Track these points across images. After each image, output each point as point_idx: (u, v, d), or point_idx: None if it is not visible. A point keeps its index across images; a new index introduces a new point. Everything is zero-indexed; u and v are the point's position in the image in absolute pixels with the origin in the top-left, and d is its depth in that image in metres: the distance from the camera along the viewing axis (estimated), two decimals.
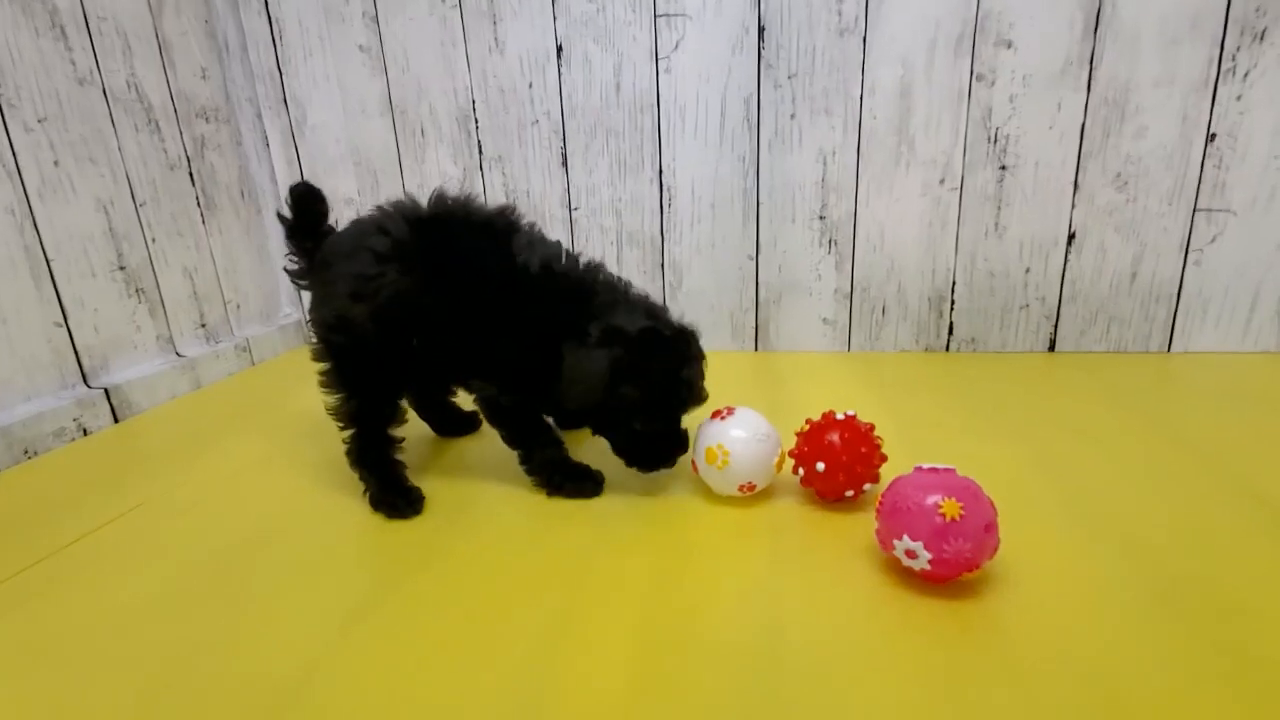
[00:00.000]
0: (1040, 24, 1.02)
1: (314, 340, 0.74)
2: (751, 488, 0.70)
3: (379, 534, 0.70)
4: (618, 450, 0.72)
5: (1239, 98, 0.99)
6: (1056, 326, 1.14)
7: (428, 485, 0.77)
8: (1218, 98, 1.00)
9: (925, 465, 0.57)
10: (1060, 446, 0.80)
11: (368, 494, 0.73)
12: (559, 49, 1.16)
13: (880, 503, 0.57)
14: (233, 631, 0.55)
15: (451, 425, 0.94)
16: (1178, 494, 0.69)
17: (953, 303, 1.16)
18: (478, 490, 0.77)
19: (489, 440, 0.92)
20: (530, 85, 1.19)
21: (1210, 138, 1.02)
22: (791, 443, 0.70)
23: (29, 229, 0.97)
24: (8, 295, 0.94)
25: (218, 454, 0.92)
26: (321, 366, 0.74)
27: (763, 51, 1.10)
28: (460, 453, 0.89)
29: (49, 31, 0.99)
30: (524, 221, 0.71)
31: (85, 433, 1.02)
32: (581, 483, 0.73)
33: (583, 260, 0.70)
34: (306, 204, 0.75)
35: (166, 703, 0.48)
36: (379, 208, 0.71)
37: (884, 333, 1.20)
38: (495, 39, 1.18)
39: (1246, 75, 0.98)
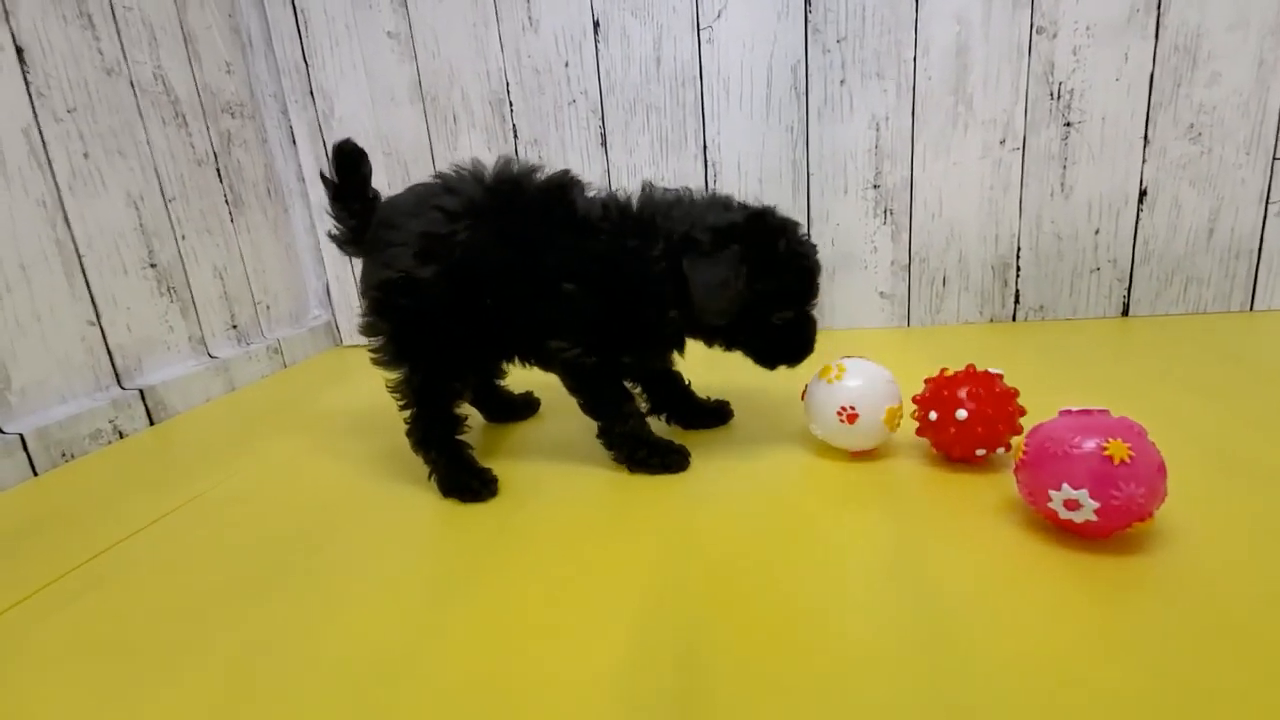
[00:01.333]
0: None
1: (364, 313, 0.68)
2: (873, 450, 0.67)
3: (449, 518, 0.64)
4: (758, 354, 0.68)
5: None
6: (1130, 289, 1.09)
7: (493, 468, 0.72)
8: None
9: (1072, 408, 0.52)
10: (1165, 400, 0.75)
11: (435, 478, 0.68)
12: (595, 24, 1.12)
13: (1025, 451, 0.52)
14: (313, 616, 0.50)
15: (505, 410, 0.88)
16: None
17: (1018, 269, 1.11)
18: (549, 470, 0.72)
19: (549, 422, 0.87)
20: (566, 64, 1.15)
21: None
22: (917, 389, 0.65)
23: (60, 223, 0.93)
24: (41, 291, 0.90)
25: (265, 450, 0.87)
26: (377, 342, 0.68)
27: (809, 16, 1.06)
28: (520, 436, 0.84)
29: (76, 19, 0.95)
30: (581, 180, 0.68)
31: (121, 435, 0.97)
32: (667, 456, 0.67)
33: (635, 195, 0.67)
34: (351, 162, 0.71)
35: (256, 687, 0.42)
36: (441, 174, 0.67)
37: (945, 305, 1.15)
38: (529, 17, 1.14)
39: None
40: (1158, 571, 0.46)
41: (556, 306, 0.64)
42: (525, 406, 0.89)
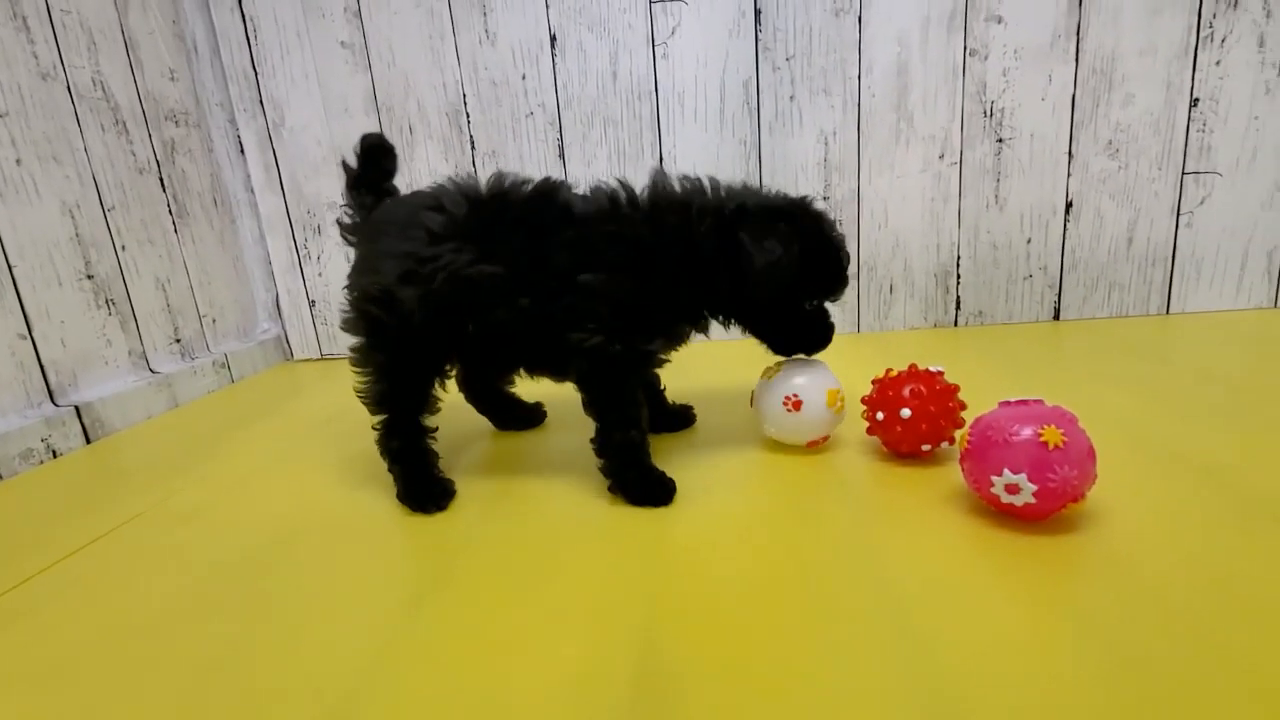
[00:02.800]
0: None
1: (347, 310, 0.67)
2: (824, 440, 0.69)
3: (408, 531, 0.63)
4: (779, 339, 0.70)
5: (1218, 63, 1.04)
6: (1060, 295, 1.16)
7: (476, 479, 0.71)
8: (1198, 64, 1.04)
9: (1011, 399, 0.55)
10: (1094, 395, 0.80)
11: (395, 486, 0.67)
12: (553, 38, 1.14)
13: (969, 441, 0.55)
14: (262, 638, 0.48)
15: (513, 417, 0.87)
16: (1220, 422, 0.70)
17: (959, 277, 1.17)
18: (525, 482, 0.71)
19: (549, 435, 0.85)
20: (524, 77, 1.16)
21: (1193, 103, 1.06)
22: (865, 391, 0.68)
23: None
24: None
25: (210, 467, 0.84)
26: (354, 342, 0.68)
27: (760, 34, 1.10)
28: (516, 447, 0.82)
29: (10, 21, 0.92)
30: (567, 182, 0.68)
31: (55, 455, 0.92)
32: (652, 487, 0.63)
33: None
34: (375, 156, 0.70)
35: (205, 714, 0.41)
36: (439, 185, 0.66)
37: (893, 311, 1.20)
38: (486, 30, 1.15)
39: (1224, 41, 1.03)
40: (1090, 550, 0.50)
41: (574, 302, 0.61)
42: (531, 416, 0.87)
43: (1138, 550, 0.49)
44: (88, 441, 0.97)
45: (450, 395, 0.74)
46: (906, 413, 0.63)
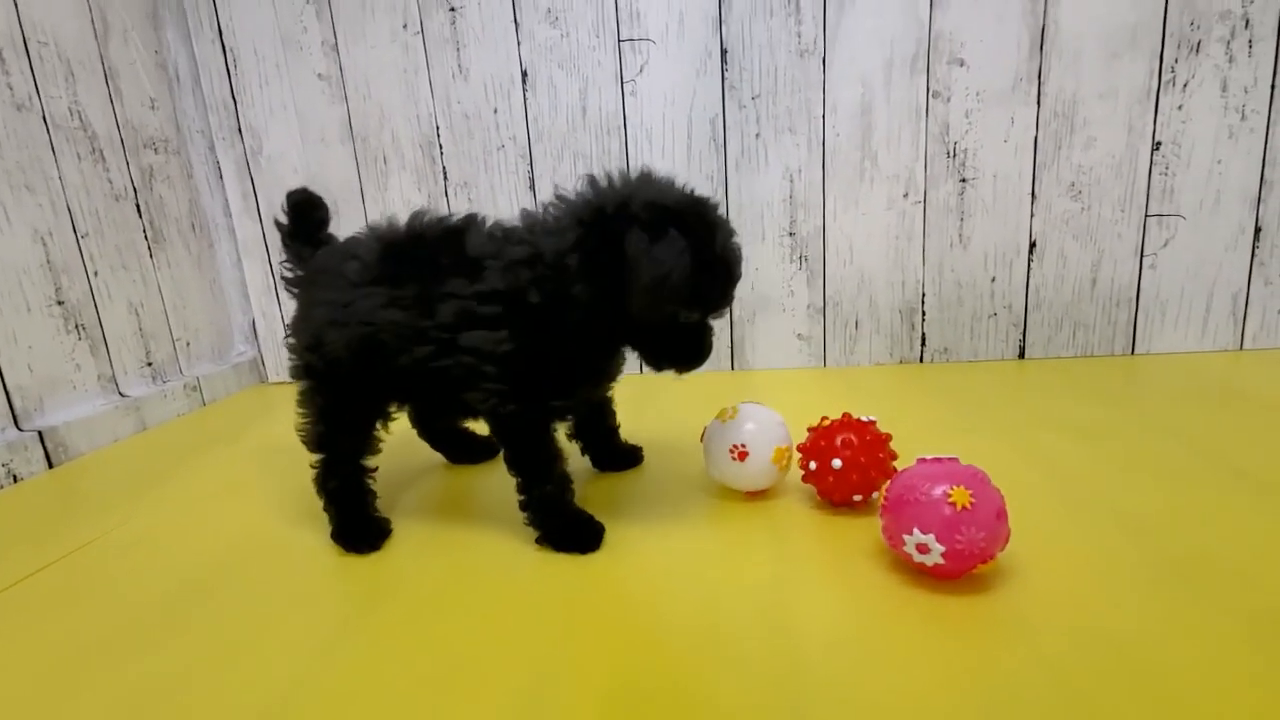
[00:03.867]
0: (989, 43, 1.06)
1: (292, 357, 0.69)
2: (764, 491, 0.69)
3: (340, 568, 0.64)
4: (653, 353, 0.62)
5: (1180, 107, 1.05)
6: (1025, 333, 1.16)
7: (414, 518, 0.72)
8: (1160, 107, 1.05)
9: (928, 456, 0.55)
10: (1045, 443, 0.80)
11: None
12: (524, 74, 1.16)
13: (886, 497, 0.55)
14: (197, 667, 0.49)
15: (463, 451, 0.87)
16: (1164, 478, 0.69)
17: (924, 314, 1.17)
18: (469, 521, 0.72)
19: (500, 470, 0.84)
20: (495, 110, 1.18)
21: (1155, 146, 1.07)
22: (801, 439, 0.68)
23: None
24: None
25: (165, 494, 0.85)
26: (299, 384, 0.69)
27: (726, 74, 1.12)
28: (467, 483, 0.82)
29: None
30: (485, 220, 0.64)
31: (15, 479, 0.93)
32: (581, 532, 0.63)
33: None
34: (304, 211, 0.71)
35: None
36: (365, 230, 0.67)
37: (858, 346, 1.20)
38: (459, 65, 1.17)
39: (1185, 85, 1.04)
40: (998, 610, 0.50)
41: (462, 361, 0.60)
42: (483, 450, 0.87)
43: (1046, 613, 0.49)
44: (50, 465, 0.98)
45: (402, 426, 0.75)
46: (838, 463, 0.63)
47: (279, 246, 1.29)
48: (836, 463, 0.63)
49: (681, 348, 0.62)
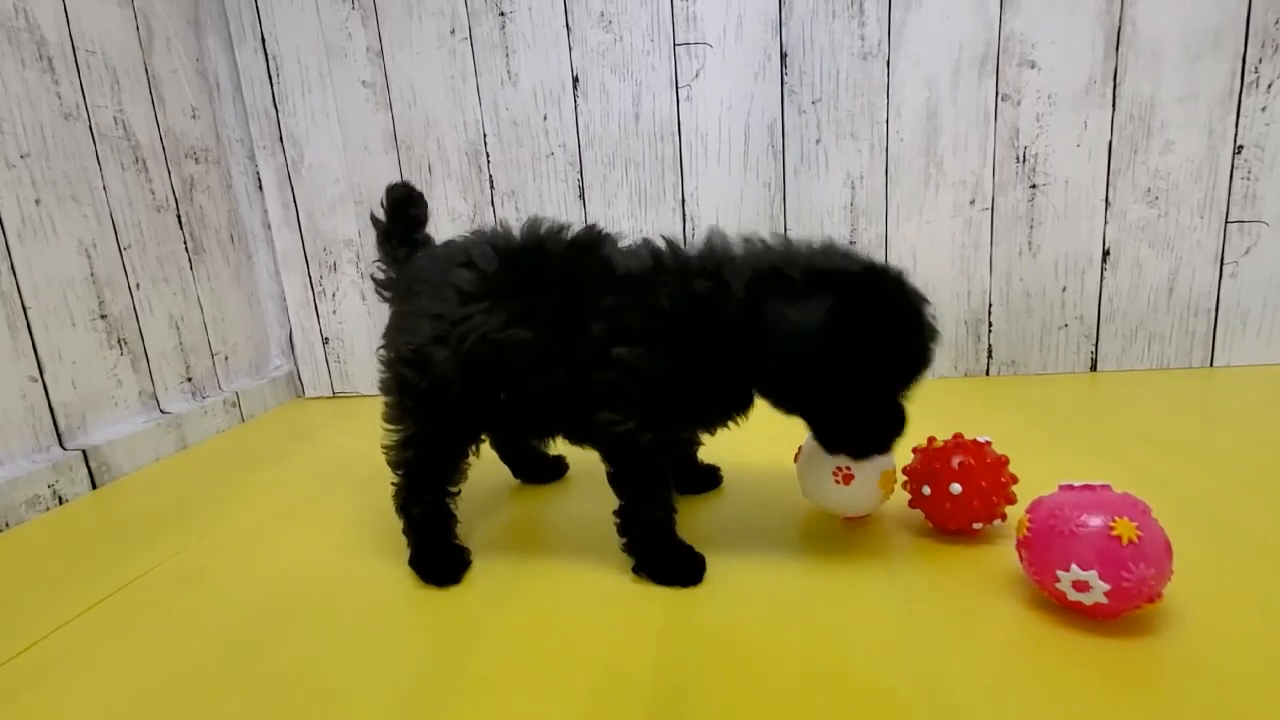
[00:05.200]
0: (1062, 44, 1.02)
1: (382, 369, 0.64)
2: (865, 517, 0.65)
3: (419, 601, 0.60)
4: (827, 431, 0.58)
5: (1263, 109, 1.00)
6: (1097, 345, 1.11)
7: (493, 547, 0.67)
8: (1242, 110, 1.01)
9: (1073, 483, 0.51)
10: (1141, 459, 0.76)
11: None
12: (575, 80, 1.13)
13: (1030, 528, 0.50)
14: (266, 715, 0.45)
15: (537, 471, 0.83)
16: None
17: (990, 325, 1.13)
18: (550, 551, 0.68)
19: (576, 494, 0.81)
20: (545, 117, 1.15)
21: (1237, 150, 1.03)
22: (906, 460, 0.64)
23: (6, 273, 0.87)
24: None
25: (216, 519, 0.81)
26: (388, 399, 0.64)
27: (785, 78, 1.09)
28: (542, 508, 0.78)
29: (35, 63, 0.91)
30: (611, 235, 0.62)
31: (61, 501, 0.89)
32: (684, 564, 0.58)
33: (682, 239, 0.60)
34: (403, 207, 0.67)
35: None
36: (471, 236, 0.63)
37: None
38: (508, 71, 1.14)
39: (1270, 87, 1.00)
40: (1168, 653, 0.45)
41: (608, 377, 0.55)
42: (556, 468, 0.84)
43: (1222, 654, 0.45)
44: (94, 486, 0.94)
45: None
46: (957, 488, 0.58)
47: (317, 258, 1.27)
48: (956, 487, 0.59)
49: (861, 428, 0.57)
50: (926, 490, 0.61)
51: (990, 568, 0.57)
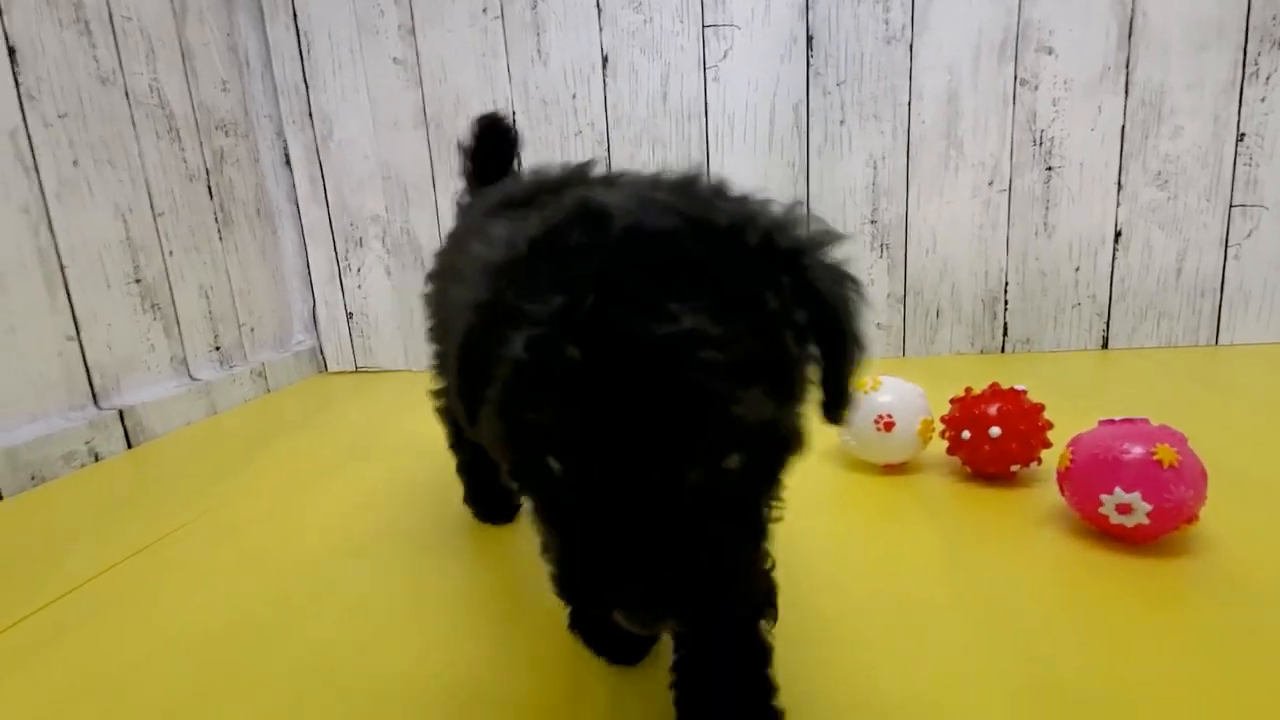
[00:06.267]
0: (1077, 32, 1.06)
1: (429, 313, 0.64)
2: (903, 464, 0.68)
3: (457, 555, 0.61)
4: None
5: (1263, 99, 1.05)
6: (1109, 323, 1.15)
7: None
8: (1244, 99, 1.05)
9: (1114, 418, 0.54)
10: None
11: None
12: (604, 60, 1.15)
13: (1072, 461, 0.53)
14: (333, 655, 0.46)
15: None
16: None
17: (1006, 303, 1.16)
18: None
19: None
20: (574, 96, 1.17)
21: (1240, 137, 1.07)
22: (943, 410, 0.66)
23: (44, 231, 0.88)
24: (18, 302, 0.84)
25: (252, 477, 0.82)
26: (434, 347, 0.65)
27: (811, 60, 1.12)
28: None
29: (73, 25, 0.93)
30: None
31: (97, 458, 0.90)
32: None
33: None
34: (494, 141, 0.64)
35: None
36: (524, 187, 0.47)
37: (939, 336, 1.19)
38: (538, 50, 1.17)
39: (1269, 79, 1.04)
40: (1204, 572, 0.48)
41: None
42: None
43: (1254, 573, 0.47)
44: (129, 446, 0.95)
45: None
46: (996, 431, 0.61)
47: (344, 233, 1.29)
48: (995, 430, 0.61)
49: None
50: (966, 435, 0.63)
51: (1030, 505, 0.59)
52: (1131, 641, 0.41)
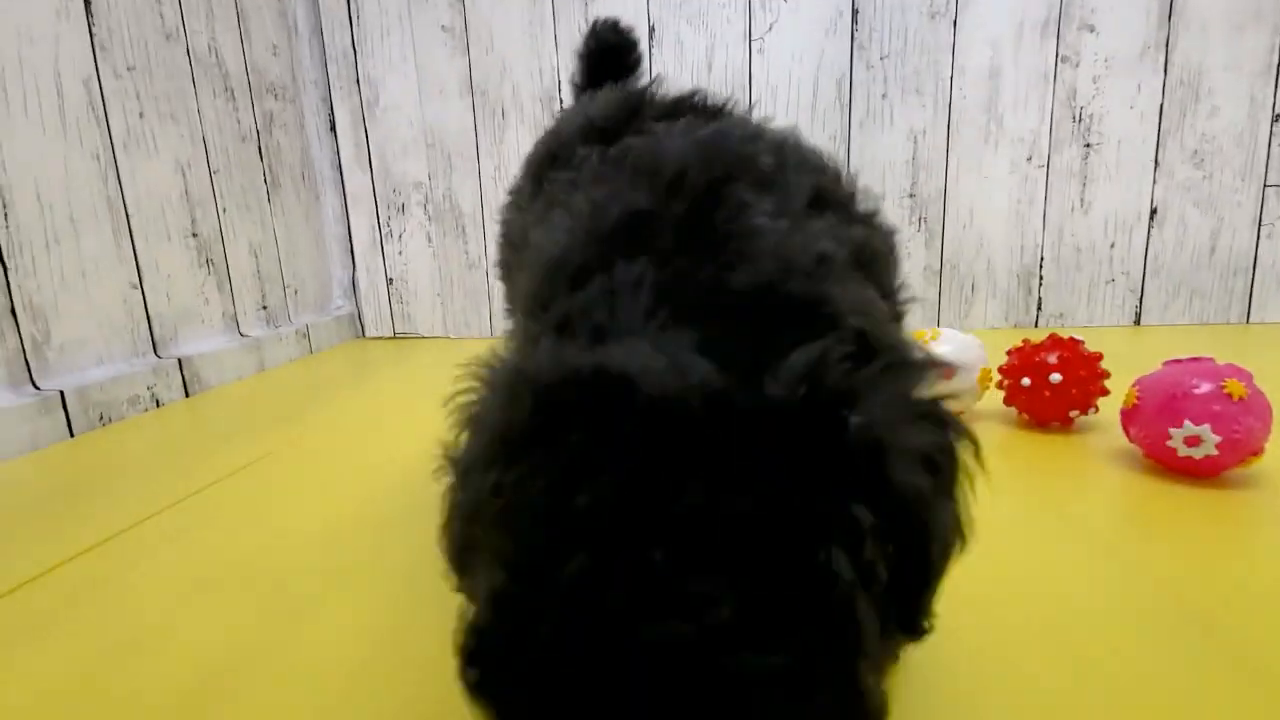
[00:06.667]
0: (1119, 10, 1.08)
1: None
2: (959, 414, 0.69)
3: None
4: None
5: None
6: (1142, 300, 1.17)
7: None
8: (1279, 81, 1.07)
9: (1180, 357, 0.56)
10: None
11: None
12: (651, 30, 1.17)
13: (1139, 396, 0.55)
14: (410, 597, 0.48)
15: None
16: None
17: (1041, 278, 1.18)
18: None
19: None
20: None
21: (1275, 118, 1.09)
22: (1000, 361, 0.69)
23: (112, 180, 0.90)
24: (88, 247, 0.86)
25: (307, 426, 0.83)
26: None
27: (856, 33, 1.14)
28: None
29: None
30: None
31: (158, 404, 0.92)
32: None
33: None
34: (613, 50, 0.61)
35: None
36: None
37: (974, 310, 1.21)
38: (586, 19, 1.18)
39: None
40: (1262, 504, 0.50)
41: None
42: None
43: None
44: (186, 395, 0.97)
45: None
46: (1057, 378, 0.63)
47: (387, 199, 1.31)
48: (1056, 377, 0.63)
49: None
50: (1026, 382, 0.65)
51: (1092, 447, 0.62)
52: (1206, 561, 0.43)
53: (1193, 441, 0.51)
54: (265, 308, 1.18)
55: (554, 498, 0.19)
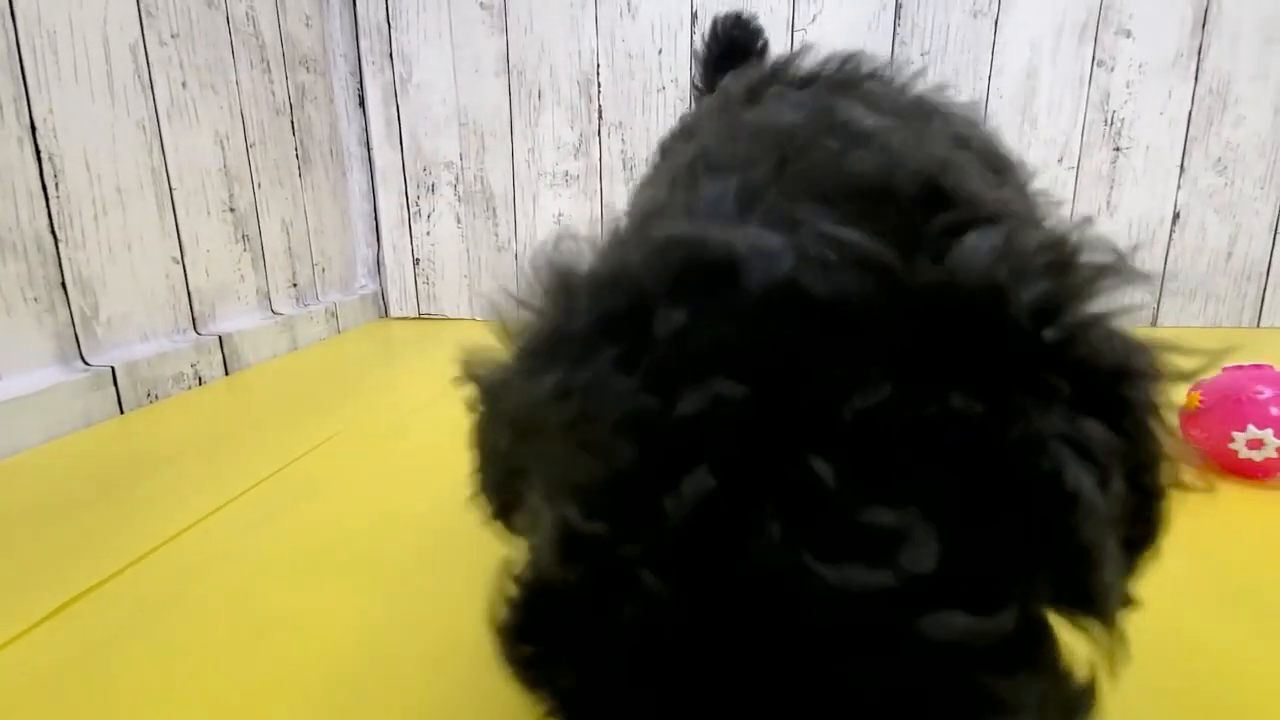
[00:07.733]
0: (1155, 17, 1.10)
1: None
2: None
3: None
4: None
5: None
6: (1159, 302, 1.21)
7: None
8: None
9: (1241, 364, 0.58)
10: None
11: None
12: (694, 16, 1.17)
13: (1202, 400, 0.58)
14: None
15: None
16: None
17: None
18: None
19: None
20: (660, 51, 1.19)
21: None
22: None
23: (156, 151, 0.88)
24: (134, 219, 0.85)
25: (386, 396, 0.84)
26: None
27: (898, 29, 1.14)
28: None
29: None
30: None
31: (200, 381, 0.92)
32: None
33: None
34: (738, 41, 0.59)
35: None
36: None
37: None
38: (628, 3, 1.17)
39: None
40: None
41: None
42: None
43: None
44: (226, 372, 0.96)
45: None
46: None
47: (416, 178, 1.29)
48: None
49: None
50: None
51: None
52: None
53: (1255, 444, 0.54)
54: (295, 285, 1.17)
55: (655, 397, 0.13)
